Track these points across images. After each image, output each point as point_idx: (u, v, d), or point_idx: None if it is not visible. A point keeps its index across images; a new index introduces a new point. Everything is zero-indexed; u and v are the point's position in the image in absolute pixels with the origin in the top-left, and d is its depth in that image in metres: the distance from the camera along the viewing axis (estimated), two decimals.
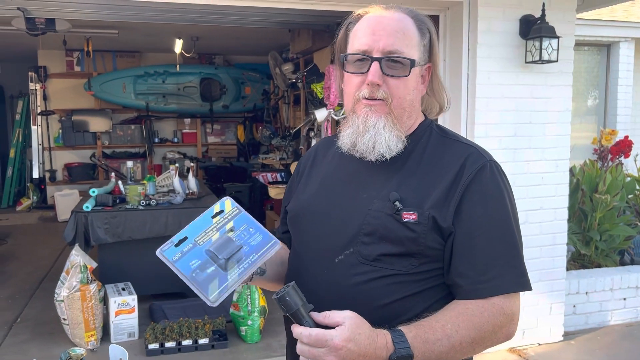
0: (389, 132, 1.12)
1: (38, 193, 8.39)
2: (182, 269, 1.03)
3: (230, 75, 8.50)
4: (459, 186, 1.10)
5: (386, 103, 1.12)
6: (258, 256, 1.06)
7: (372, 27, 1.13)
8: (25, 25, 4.34)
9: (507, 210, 1.12)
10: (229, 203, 1.11)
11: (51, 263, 5.57)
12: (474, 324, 1.05)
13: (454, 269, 1.10)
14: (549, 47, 3.25)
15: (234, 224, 1.09)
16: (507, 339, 1.11)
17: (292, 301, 1.00)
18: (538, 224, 3.53)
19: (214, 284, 1.02)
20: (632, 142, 4.99)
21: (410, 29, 1.14)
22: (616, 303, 4.07)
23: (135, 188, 4.36)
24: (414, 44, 1.14)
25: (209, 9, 3.76)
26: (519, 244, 1.12)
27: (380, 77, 1.11)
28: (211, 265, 1.04)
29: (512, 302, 1.09)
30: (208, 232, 1.08)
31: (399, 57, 1.11)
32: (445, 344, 1.02)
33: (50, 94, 8.19)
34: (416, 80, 1.16)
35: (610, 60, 6.64)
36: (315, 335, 0.97)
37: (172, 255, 1.05)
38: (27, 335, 3.84)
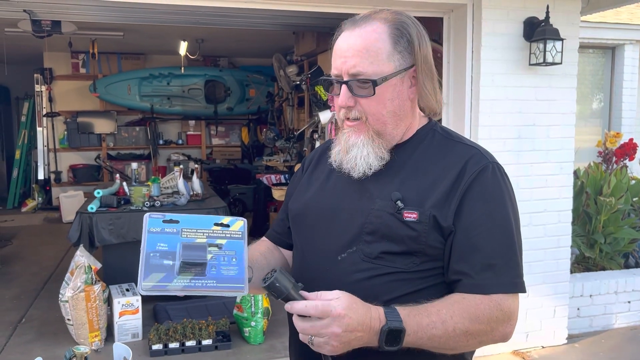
0: (368, 149, 1.15)
1: (43, 194, 8.43)
2: (148, 243, 1.01)
3: (234, 77, 8.53)
4: (460, 186, 1.11)
5: (362, 121, 1.15)
6: (215, 286, 1.00)
7: (340, 49, 1.14)
8: (31, 27, 4.37)
9: (508, 212, 1.12)
10: (240, 224, 1.07)
11: (56, 264, 5.59)
12: (469, 313, 1.05)
13: (452, 268, 1.11)
14: (553, 49, 3.25)
15: (225, 244, 1.04)
16: (504, 340, 1.10)
17: (282, 286, 0.99)
18: (542, 226, 3.53)
19: (157, 276, 0.98)
20: (637, 144, 4.97)
21: (377, 43, 1.11)
22: (621, 306, 4.06)
23: (140, 189, 4.37)
24: (381, 59, 1.11)
25: (213, 11, 3.78)
26: (516, 246, 1.12)
27: (351, 99, 1.13)
28: (172, 259, 1.00)
29: (510, 302, 1.09)
30: (199, 232, 1.04)
31: (362, 79, 1.12)
32: (439, 327, 1.03)
33: (55, 95, 8.23)
34: (393, 91, 1.14)
35: (615, 63, 6.62)
36: (321, 305, 0.98)
37: (153, 225, 1.03)
38: (31, 335, 3.85)
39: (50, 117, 8.15)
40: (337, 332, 0.97)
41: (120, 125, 8.47)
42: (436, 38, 3.82)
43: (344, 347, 0.99)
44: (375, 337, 1.00)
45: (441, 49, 3.60)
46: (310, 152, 1.41)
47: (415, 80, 1.16)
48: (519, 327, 3.55)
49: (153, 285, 0.98)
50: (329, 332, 0.97)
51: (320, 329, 0.97)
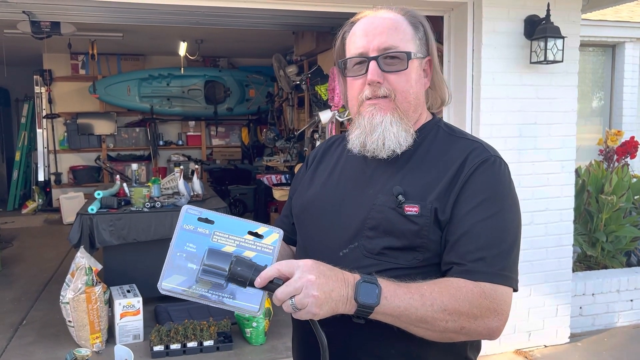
0: (397, 127, 1.13)
1: (43, 196, 8.42)
2: (178, 240, 0.99)
3: (234, 77, 8.52)
4: (460, 179, 1.11)
5: (390, 99, 1.14)
6: (230, 303, 0.97)
7: (365, 29, 1.15)
8: (30, 29, 4.36)
9: (505, 205, 1.11)
10: (274, 238, 1.02)
11: (57, 265, 5.58)
12: (450, 293, 1.02)
13: (445, 258, 1.10)
14: (554, 47, 3.24)
15: (253, 257, 1.00)
16: (490, 336, 1.07)
17: (243, 270, 0.97)
18: (544, 225, 3.52)
19: (178, 278, 0.97)
20: (638, 142, 4.96)
21: (403, 25, 1.16)
22: (623, 304, 4.05)
23: (140, 190, 4.36)
24: (408, 39, 1.16)
25: (213, 11, 3.77)
26: (510, 239, 1.09)
27: (380, 75, 1.13)
28: (196, 264, 0.98)
29: (499, 293, 1.05)
30: (230, 240, 1.01)
31: (395, 52, 1.13)
32: (416, 298, 1.00)
33: (55, 97, 8.23)
34: (417, 73, 1.17)
35: (615, 61, 6.61)
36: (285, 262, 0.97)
37: (188, 221, 1.00)
38: (32, 337, 3.85)
39: (50, 118, 8.14)
40: (311, 279, 0.94)
41: (120, 127, 8.47)
42: (437, 37, 3.81)
43: (325, 297, 0.95)
44: (352, 291, 0.97)
45: (442, 47, 3.59)
46: (311, 151, 1.40)
47: (427, 72, 1.20)
48: (522, 326, 3.57)
49: (172, 287, 0.97)
50: (303, 281, 0.94)
51: (294, 283, 0.94)
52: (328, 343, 1.00)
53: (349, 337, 1.11)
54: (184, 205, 1.03)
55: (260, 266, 0.98)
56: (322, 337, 1.00)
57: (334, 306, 0.96)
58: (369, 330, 1.08)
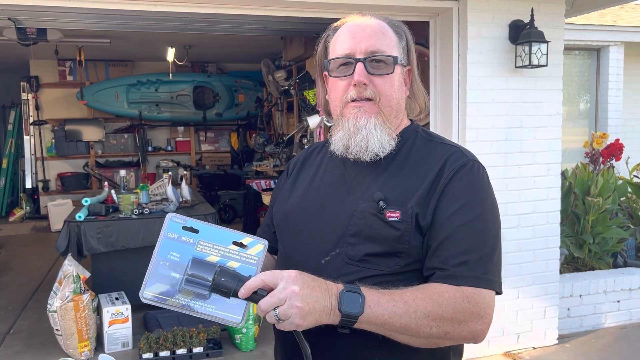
0: (380, 131, 1.14)
1: (31, 203, 8.35)
2: (161, 249, 0.98)
3: (223, 83, 8.52)
4: (440, 184, 1.12)
5: (375, 102, 1.15)
6: (213, 313, 0.96)
7: (352, 32, 1.17)
8: (16, 36, 4.34)
9: (484, 209, 1.12)
10: (259, 249, 1.02)
11: (44, 273, 5.53)
12: (433, 299, 1.03)
13: (427, 263, 1.10)
14: (538, 51, 3.28)
15: (237, 268, 0.99)
16: (475, 339, 1.07)
17: (227, 281, 0.96)
18: (531, 227, 3.55)
19: (160, 287, 0.96)
20: (623, 145, 5.03)
21: (389, 31, 1.19)
22: (610, 305, 4.09)
23: (129, 197, 4.34)
24: (393, 45, 1.18)
25: (201, 17, 3.77)
26: (492, 243, 1.10)
27: (366, 77, 1.14)
28: (180, 273, 0.97)
29: (482, 297, 1.06)
30: (214, 249, 1.00)
31: (382, 56, 1.15)
32: (400, 306, 1.00)
33: (42, 103, 8.18)
34: (399, 80, 1.19)
35: (600, 64, 6.70)
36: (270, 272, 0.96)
37: (172, 229, 0.99)
38: (19, 347, 3.81)
39: (37, 125, 8.09)
40: (295, 290, 0.94)
41: (109, 133, 8.43)
42: (423, 42, 3.84)
43: (309, 308, 0.95)
44: (336, 301, 0.97)
45: (428, 52, 3.61)
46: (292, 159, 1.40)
47: (408, 80, 1.22)
48: (510, 328, 3.59)
49: (154, 296, 0.96)
50: (287, 292, 0.94)
51: (278, 294, 0.94)
52: (312, 352, 1.00)
53: (333, 345, 1.11)
54: (169, 212, 1.03)
55: (244, 277, 0.97)
56: (305, 348, 1.00)
57: (317, 317, 0.96)
58: (352, 338, 1.07)
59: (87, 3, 2.97)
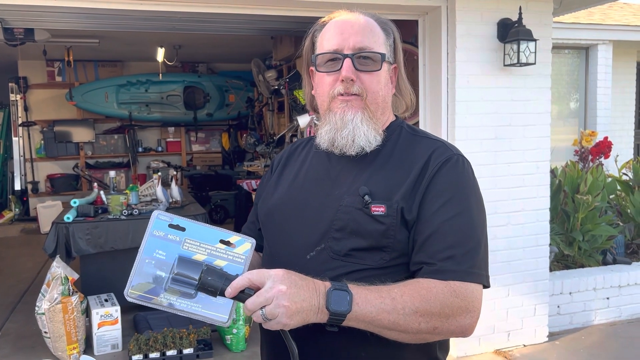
0: (367, 125, 1.15)
1: (20, 205, 8.28)
2: (147, 247, 0.97)
3: (213, 83, 8.49)
4: (425, 178, 1.12)
5: (361, 98, 1.15)
6: (199, 312, 0.95)
7: (340, 28, 1.17)
8: (3, 36, 4.29)
9: (469, 203, 1.13)
10: (246, 247, 1.01)
11: (33, 276, 5.48)
12: (420, 295, 1.03)
13: (414, 258, 1.11)
14: (526, 50, 3.29)
15: (224, 267, 0.98)
16: (463, 332, 1.08)
17: (214, 280, 0.95)
18: (520, 225, 3.55)
19: (145, 286, 0.95)
20: (611, 143, 5.06)
21: (377, 28, 1.19)
22: (600, 302, 4.11)
23: (118, 198, 4.32)
24: (381, 42, 1.18)
25: (190, 16, 3.75)
26: (478, 237, 1.11)
27: (354, 73, 1.14)
28: (165, 271, 0.96)
29: (470, 291, 1.06)
30: (201, 247, 0.99)
31: (370, 53, 1.15)
32: (388, 303, 1.00)
33: (31, 104, 8.11)
34: (386, 77, 1.20)
35: (589, 63, 6.74)
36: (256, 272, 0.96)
37: (158, 227, 0.98)
38: (7, 349, 3.77)
39: (26, 126, 8.01)
40: (282, 289, 0.94)
41: (99, 134, 8.37)
42: (412, 41, 3.84)
43: (296, 307, 0.94)
44: (323, 300, 0.97)
45: (417, 51, 3.62)
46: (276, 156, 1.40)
47: (394, 78, 1.22)
48: (501, 326, 3.60)
49: (139, 295, 0.95)
50: (274, 292, 0.93)
51: (265, 293, 0.94)
52: (298, 350, 1.00)
53: (320, 342, 1.11)
54: (155, 210, 1.02)
55: (232, 275, 0.96)
56: (292, 347, 0.99)
57: (305, 316, 0.96)
58: (340, 335, 1.07)
59: (75, 2, 2.95)
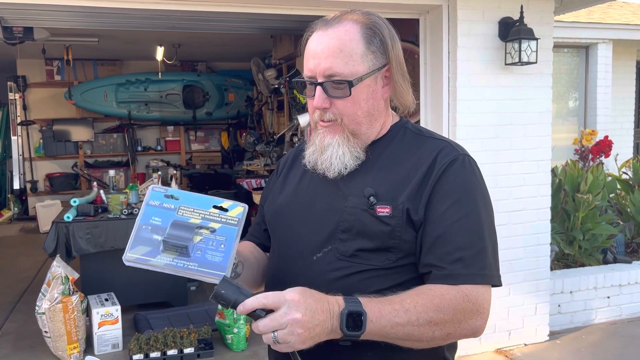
0: (344, 148, 1.15)
1: (19, 204, 8.27)
2: (144, 215, 1.02)
3: (213, 82, 8.47)
4: (431, 179, 1.11)
5: (337, 123, 1.15)
6: (196, 269, 0.99)
7: (314, 50, 1.14)
8: (2, 35, 4.27)
9: (477, 203, 1.12)
10: (239, 211, 1.06)
11: (33, 275, 5.47)
12: (433, 304, 1.03)
13: (422, 260, 1.10)
14: (528, 48, 3.28)
15: (218, 228, 1.03)
16: (474, 334, 1.08)
17: (227, 293, 0.96)
18: (521, 224, 3.55)
19: (142, 249, 0.99)
20: (611, 142, 5.06)
21: (351, 43, 1.11)
22: (600, 301, 4.11)
23: (118, 197, 4.31)
24: (355, 59, 1.11)
25: (189, 15, 3.73)
26: (487, 237, 1.11)
27: (326, 100, 1.13)
28: (161, 235, 1.00)
29: (481, 293, 1.07)
30: (195, 212, 1.04)
31: (338, 80, 1.12)
32: (402, 315, 1.00)
33: (30, 103, 8.09)
34: (368, 91, 1.14)
35: (589, 62, 6.74)
36: (272, 294, 0.95)
37: (154, 198, 1.04)
38: (7, 349, 3.76)
39: (25, 125, 8.00)
40: (297, 318, 0.92)
41: (98, 133, 8.36)
42: (413, 39, 3.83)
43: (310, 334, 0.94)
44: (337, 322, 0.97)
45: (418, 50, 3.61)
46: (281, 158, 1.41)
47: (389, 79, 1.18)
48: (502, 325, 3.59)
49: (137, 257, 0.98)
50: (289, 319, 0.92)
51: (279, 318, 0.92)
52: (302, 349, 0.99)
53: (324, 344, 1.10)
54: (147, 192, 1.06)
55: (246, 290, 0.97)
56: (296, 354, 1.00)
57: (317, 339, 0.96)
58: None
59: (75, 1, 2.93)
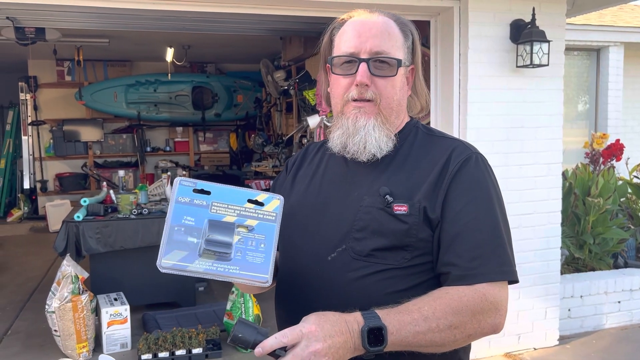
0: (379, 132, 1.14)
1: (29, 204, 8.32)
2: (174, 214, 0.94)
3: (222, 83, 8.50)
4: (446, 177, 1.12)
5: (375, 103, 1.14)
6: (237, 274, 0.93)
7: (358, 30, 1.15)
8: (14, 35, 4.31)
9: (492, 200, 1.13)
10: (276, 204, 0.99)
11: (43, 274, 5.50)
12: (452, 307, 1.03)
13: (441, 259, 1.10)
14: (539, 51, 3.26)
15: (256, 226, 0.96)
16: (494, 331, 1.08)
17: (245, 336, 0.94)
18: (532, 227, 3.53)
19: (178, 254, 0.92)
20: (623, 145, 5.02)
21: (395, 31, 1.17)
22: (611, 306, 4.08)
23: (127, 197, 4.32)
24: (399, 45, 1.17)
25: (200, 16, 3.76)
26: (503, 233, 1.11)
27: (369, 78, 1.13)
28: (197, 237, 0.93)
29: (497, 291, 1.07)
30: (229, 209, 0.96)
31: (386, 58, 1.14)
32: (421, 324, 1.00)
33: (40, 103, 8.15)
34: (402, 80, 1.19)
35: (600, 65, 6.69)
36: (289, 331, 0.94)
37: (182, 194, 0.95)
38: (17, 347, 3.78)
39: (35, 125, 8.06)
40: (318, 349, 0.93)
41: (107, 133, 8.40)
42: (423, 41, 3.82)
43: (334, 358, 0.95)
44: (359, 340, 0.97)
45: (429, 52, 3.60)
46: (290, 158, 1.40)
47: (411, 79, 1.21)
48: (511, 329, 3.57)
49: (173, 264, 0.92)
50: (310, 351, 0.92)
51: (301, 352, 0.92)
52: None
53: None
54: (175, 186, 0.98)
55: (263, 330, 0.95)
56: None
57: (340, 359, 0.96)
58: None
59: (86, 1, 2.95)
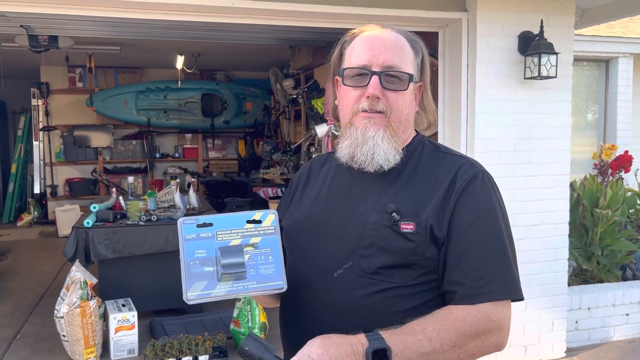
0: (387, 144, 1.15)
1: (39, 208, 8.39)
2: (186, 252, 1.03)
3: (231, 90, 8.55)
4: (452, 196, 1.13)
5: (385, 115, 1.15)
6: (256, 287, 1.03)
7: (371, 43, 1.17)
8: (28, 43, 4.38)
9: (498, 218, 1.14)
10: (272, 219, 1.08)
11: (51, 279, 5.55)
12: (455, 328, 1.04)
13: (447, 278, 1.11)
14: (547, 63, 3.27)
15: (259, 242, 1.06)
16: (497, 349, 1.09)
17: (251, 350, 1.00)
18: (539, 239, 3.52)
19: (200, 285, 1.01)
20: (632, 157, 4.99)
21: (406, 47, 1.19)
22: (619, 319, 4.05)
23: (136, 203, 4.36)
24: (410, 61, 1.19)
25: (210, 26, 3.80)
26: (509, 251, 1.13)
27: (380, 90, 1.14)
28: (212, 265, 1.02)
29: (501, 310, 1.08)
30: (233, 233, 1.06)
31: (398, 72, 1.15)
32: (425, 345, 1.02)
33: (52, 109, 8.24)
34: (411, 96, 1.20)
35: (609, 76, 6.67)
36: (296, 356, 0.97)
37: (188, 232, 1.05)
38: (26, 352, 3.81)
39: (46, 131, 8.14)
40: None
41: (117, 139, 8.47)
42: (432, 52, 3.84)
43: None
44: None
45: (437, 63, 3.62)
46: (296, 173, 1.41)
47: (419, 96, 1.23)
48: (518, 341, 3.56)
49: (198, 294, 1.00)
50: None
51: None
52: None
53: None
54: (179, 218, 1.08)
55: (271, 347, 1.01)
56: None
57: None
58: None
59: (99, 11, 3.00)
